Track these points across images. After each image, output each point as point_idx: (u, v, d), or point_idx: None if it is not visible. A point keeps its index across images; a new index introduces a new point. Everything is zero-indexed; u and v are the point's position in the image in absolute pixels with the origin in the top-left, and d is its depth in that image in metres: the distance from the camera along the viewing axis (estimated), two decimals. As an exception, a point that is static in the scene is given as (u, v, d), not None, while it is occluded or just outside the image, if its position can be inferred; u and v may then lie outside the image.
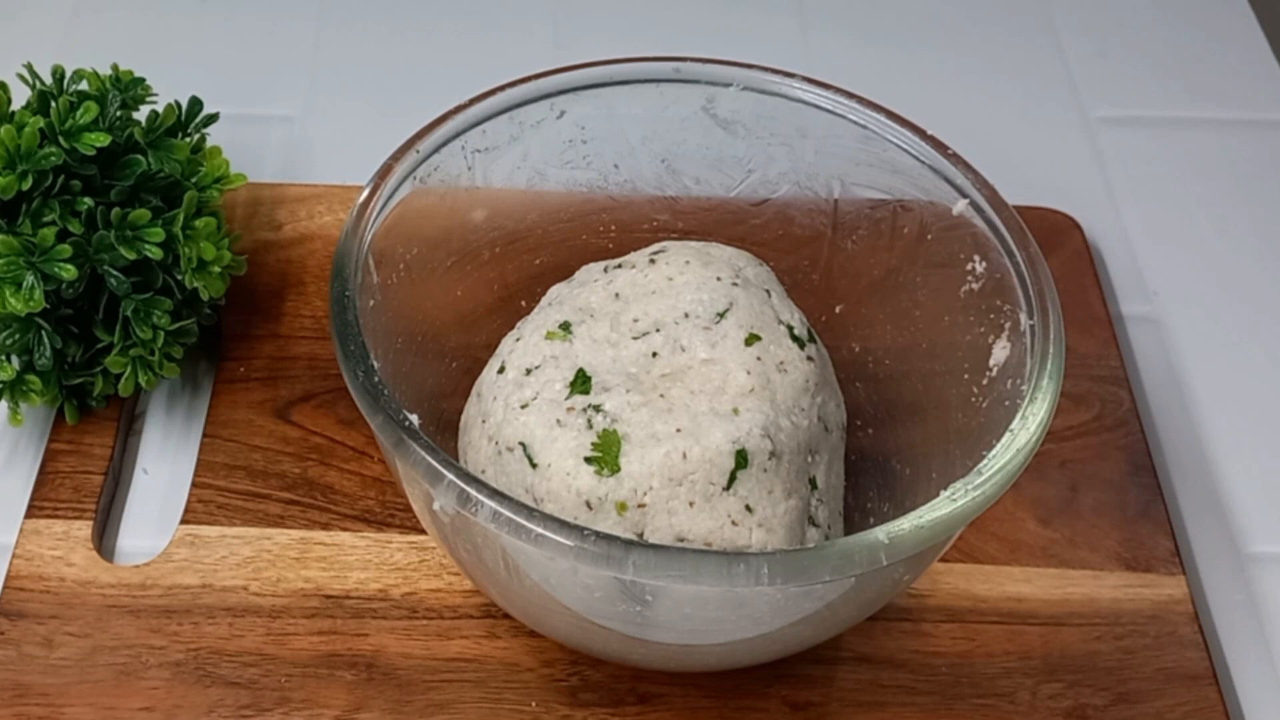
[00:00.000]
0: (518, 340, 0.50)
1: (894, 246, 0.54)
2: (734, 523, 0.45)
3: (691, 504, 0.44)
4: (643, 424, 0.45)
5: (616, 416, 0.46)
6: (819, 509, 0.48)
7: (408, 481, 0.45)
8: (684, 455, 0.45)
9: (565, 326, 0.50)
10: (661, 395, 0.46)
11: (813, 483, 0.48)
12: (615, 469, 0.45)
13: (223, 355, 0.61)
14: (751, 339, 0.48)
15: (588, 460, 0.45)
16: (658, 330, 0.49)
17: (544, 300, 0.53)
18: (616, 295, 0.51)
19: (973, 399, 0.49)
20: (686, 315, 0.49)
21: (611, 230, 0.56)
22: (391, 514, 0.56)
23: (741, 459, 0.45)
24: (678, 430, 0.45)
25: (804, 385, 0.48)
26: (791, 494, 0.46)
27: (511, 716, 0.50)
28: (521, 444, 0.46)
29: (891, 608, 0.53)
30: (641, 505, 0.44)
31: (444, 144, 0.51)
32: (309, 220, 0.66)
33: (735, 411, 0.46)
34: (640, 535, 0.45)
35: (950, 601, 0.54)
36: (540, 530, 0.39)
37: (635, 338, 0.49)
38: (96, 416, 0.58)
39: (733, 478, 0.45)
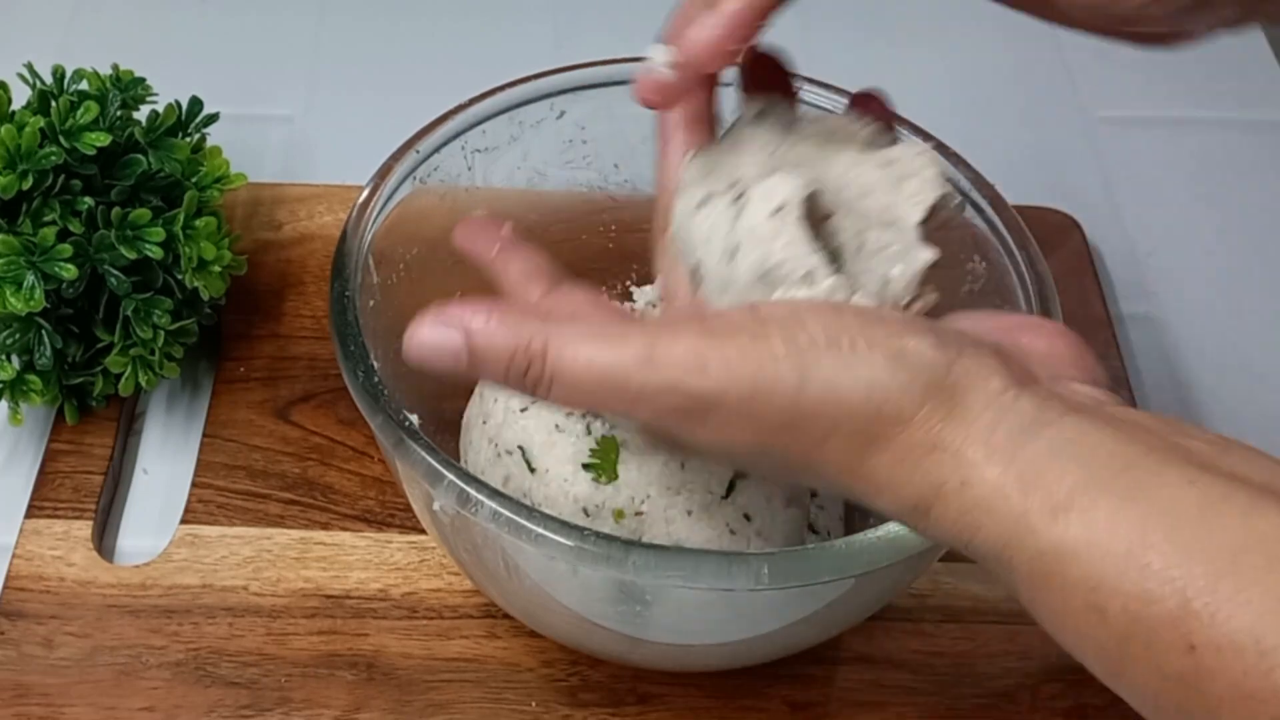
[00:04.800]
0: None
1: (894, 247, 0.54)
2: (732, 531, 0.44)
3: (689, 513, 0.44)
4: None
5: (615, 422, 0.45)
6: (819, 515, 0.48)
7: (408, 482, 0.45)
8: (682, 464, 0.44)
9: None
10: None
11: (814, 490, 0.47)
12: (613, 476, 0.44)
13: (223, 355, 0.61)
14: None
15: (585, 467, 0.45)
16: None
17: None
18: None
19: (973, 399, 0.49)
20: None
21: (612, 230, 0.56)
22: (391, 514, 0.56)
23: None
24: None
25: None
26: (792, 502, 0.46)
27: (511, 716, 0.50)
28: (520, 448, 0.46)
29: (891, 608, 0.53)
30: (639, 514, 0.44)
31: (444, 144, 0.51)
32: (309, 220, 0.66)
33: None
34: (638, 542, 0.44)
35: (950, 601, 0.54)
36: (540, 530, 0.39)
37: None
38: (96, 416, 0.58)
39: (732, 486, 0.45)
